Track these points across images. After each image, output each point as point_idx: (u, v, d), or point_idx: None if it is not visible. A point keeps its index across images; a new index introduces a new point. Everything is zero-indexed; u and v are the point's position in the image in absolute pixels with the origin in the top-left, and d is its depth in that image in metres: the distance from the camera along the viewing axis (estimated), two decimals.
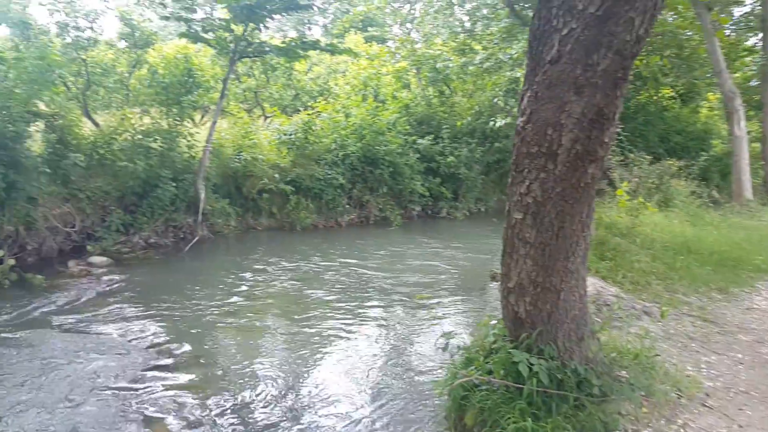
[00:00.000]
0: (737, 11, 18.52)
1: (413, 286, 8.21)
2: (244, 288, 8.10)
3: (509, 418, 3.47)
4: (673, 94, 20.30)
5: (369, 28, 30.99)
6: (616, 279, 6.37)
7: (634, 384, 3.69)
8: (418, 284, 8.29)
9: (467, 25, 17.19)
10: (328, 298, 7.66)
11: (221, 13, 11.79)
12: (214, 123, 11.41)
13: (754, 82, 18.09)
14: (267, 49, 11.56)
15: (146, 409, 4.61)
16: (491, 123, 14.87)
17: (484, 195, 16.04)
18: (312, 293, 7.86)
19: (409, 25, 20.26)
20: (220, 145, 12.25)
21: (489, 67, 15.49)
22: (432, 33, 18.09)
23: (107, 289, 7.92)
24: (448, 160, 14.87)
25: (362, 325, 6.61)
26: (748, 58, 19.78)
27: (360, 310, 7.08)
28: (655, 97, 19.82)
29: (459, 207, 15.13)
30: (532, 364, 3.67)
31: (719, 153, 17.23)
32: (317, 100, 17.08)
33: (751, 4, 16.77)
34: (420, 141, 14.96)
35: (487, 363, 3.93)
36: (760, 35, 14.64)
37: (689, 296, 6.36)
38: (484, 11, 15.83)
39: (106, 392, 4.87)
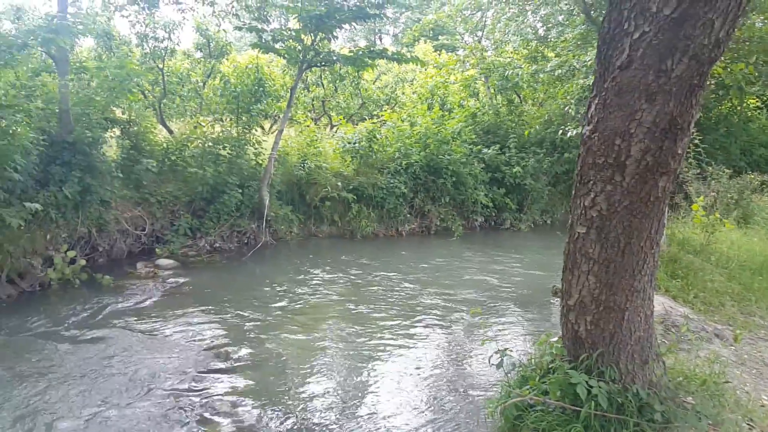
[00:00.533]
0: None
1: (470, 299, 8.06)
2: (303, 294, 8.21)
3: None
4: (759, 104, 19.08)
5: (440, 37, 31.03)
6: (687, 299, 6.02)
7: (701, 411, 3.45)
8: (476, 297, 8.14)
9: (541, 32, 16.84)
10: (384, 307, 7.63)
11: (293, 23, 12.12)
12: (281, 131, 11.69)
13: None
14: (335, 58, 11.75)
15: (202, 411, 4.73)
16: (561, 132, 14.47)
17: (551, 207, 15.59)
18: (369, 302, 7.86)
19: (479, 33, 20.07)
20: (285, 153, 12.53)
21: (561, 75, 15.07)
22: (503, 40, 17.83)
23: (172, 290, 8.23)
24: (513, 170, 14.57)
25: (417, 338, 6.53)
26: None
27: (416, 323, 7.01)
28: (738, 108, 18.68)
29: (523, 219, 14.78)
30: (591, 387, 3.51)
31: None
32: (383, 109, 17.22)
33: None
34: (485, 150, 14.74)
35: (543, 383, 3.79)
36: None
37: (766, 319, 5.92)
38: (560, 18, 15.44)
39: (163, 392, 5.03)
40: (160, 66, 12.91)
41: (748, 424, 3.68)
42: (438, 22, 21.68)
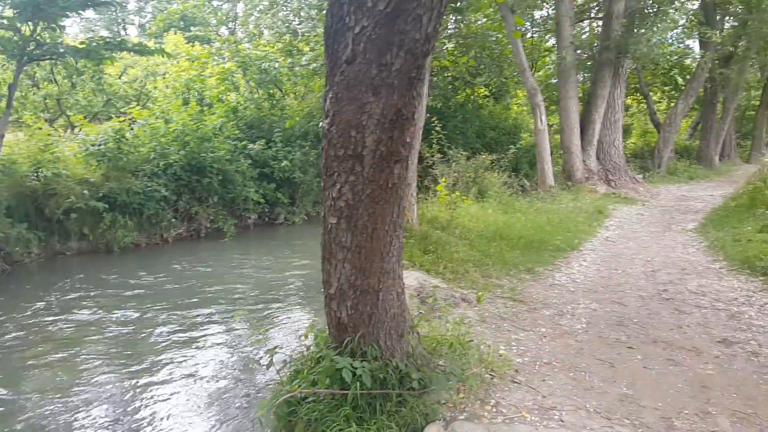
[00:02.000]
0: (537, 14, 20.86)
1: (246, 299, 7.88)
2: (49, 324, 7.10)
3: (335, 425, 3.40)
4: (487, 93, 22.16)
5: (192, 28, 29.42)
6: (438, 270, 6.68)
7: (450, 372, 3.84)
8: (252, 297, 7.98)
9: (294, 25, 17.06)
10: (154, 321, 7.02)
11: (8, 11, 10.28)
12: (1, 137, 9.89)
13: (554, 80, 20.40)
14: (63, 50, 10.30)
15: None
16: (321, 125, 14.90)
17: (321, 198, 16.00)
18: (133, 323, 7.14)
19: (231, 25, 19.57)
20: (11, 161, 10.59)
21: (316, 68, 15.52)
22: (256, 33, 17.66)
23: None
24: (282, 164, 14.59)
25: (194, 348, 6.14)
26: (548, 58, 22.34)
27: (192, 333, 6.59)
28: (472, 96, 21.46)
29: (296, 212, 14.96)
30: (355, 368, 3.65)
31: (527, 145, 19.12)
32: (132, 106, 15.77)
33: (548, 8, 18.89)
34: (251, 146, 14.48)
35: (312, 374, 3.83)
36: None
37: (501, 279, 6.90)
38: (312, 12, 15.80)
39: None
40: None
41: (489, 375, 4.20)
42: (187, 12, 20.57)
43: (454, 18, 13.98)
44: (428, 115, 15.22)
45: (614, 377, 4.26)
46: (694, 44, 23.09)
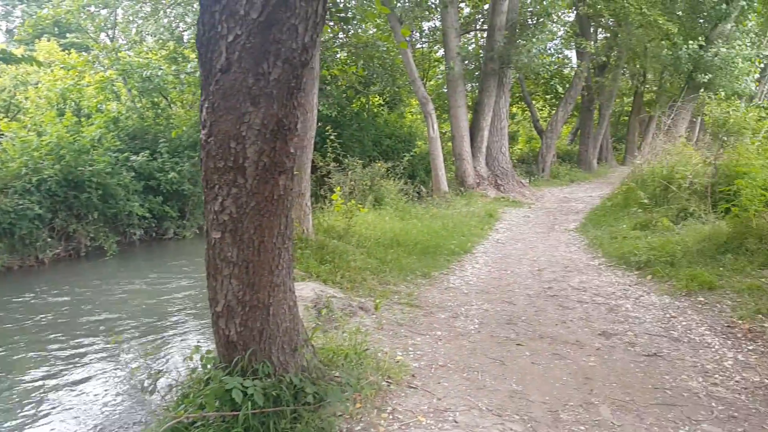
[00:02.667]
0: (426, 25, 21.52)
1: (128, 322, 7.37)
2: None
3: None
4: (381, 101, 22.53)
5: (68, 35, 27.25)
6: (336, 280, 6.64)
7: (347, 383, 3.80)
8: (136, 319, 7.48)
9: (179, 31, 16.37)
10: (18, 357, 6.38)
11: None
12: None
13: (445, 89, 21.11)
14: None
15: None
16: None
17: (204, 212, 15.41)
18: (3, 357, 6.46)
19: (112, 32, 18.40)
20: None
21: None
22: (138, 40, 16.75)
23: None
24: (169, 176, 13.87)
25: (65, 384, 5.63)
26: (438, 68, 23.15)
27: (60, 364, 6.05)
28: (367, 105, 21.71)
29: (187, 226, 14.29)
30: (246, 387, 3.51)
31: (422, 152, 19.63)
32: (0, 118, 14.37)
33: (436, 19, 19.53)
34: (134, 157, 13.64)
35: (199, 397, 3.63)
36: None
37: (399, 285, 6.98)
38: (189, 19, 15.22)
39: None
40: None
41: (386, 382, 4.21)
42: (62, 19, 19.08)
43: (342, 28, 14.09)
44: (322, 123, 15.20)
45: (505, 374, 4.43)
46: (572, 54, 24.98)
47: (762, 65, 18.59)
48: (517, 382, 4.29)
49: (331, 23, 13.75)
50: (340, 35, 16.95)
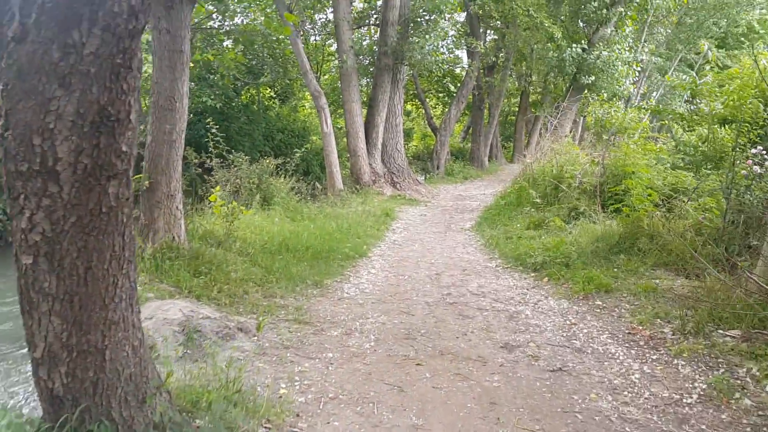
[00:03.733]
0: (319, 17, 20.75)
1: None
2: None
3: None
4: (273, 93, 21.47)
5: None
6: (212, 295, 5.77)
7: None
8: None
9: None
10: None
11: None
12: None
13: (339, 84, 20.49)
14: None
15: None
16: None
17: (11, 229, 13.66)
18: None
19: None
20: None
21: None
22: None
23: None
24: None
25: None
26: (332, 62, 22.47)
27: None
28: (257, 97, 20.56)
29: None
30: None
31: (317, 147, 18.86)
32: None
33: (329, 11, 18.81)
34: None
35: None
36: None
37: (287, 298, 6.25)
38: None
39: None
40: None
41: (265, 427, 3.52)
42: None
43: (217, 8, 12.99)
44: (205, 115, 14.00)
45: (404, 404, 3.89)
46: (463, 54, 25.34)
47: (639, 69, 19.77)
48: (418, 413, 3.76)
49: (207, 5, 12.64)
50: (227, 22, 15.79)
